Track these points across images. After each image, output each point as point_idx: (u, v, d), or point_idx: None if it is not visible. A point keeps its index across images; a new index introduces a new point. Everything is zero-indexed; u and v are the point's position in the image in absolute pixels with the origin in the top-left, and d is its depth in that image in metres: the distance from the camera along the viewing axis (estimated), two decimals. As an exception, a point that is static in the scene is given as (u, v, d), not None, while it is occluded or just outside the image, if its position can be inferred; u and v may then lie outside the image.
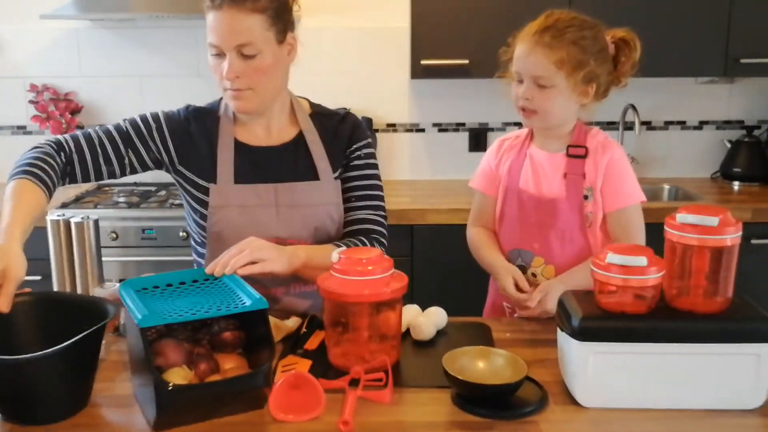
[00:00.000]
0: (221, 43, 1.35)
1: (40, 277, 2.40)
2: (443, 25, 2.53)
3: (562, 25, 1.45)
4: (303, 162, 1.48)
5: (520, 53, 1.47)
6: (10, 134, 2.92)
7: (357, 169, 1.52)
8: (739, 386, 1.11)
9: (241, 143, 1.47)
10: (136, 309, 1.07)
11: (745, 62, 2.56)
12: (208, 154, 1.45)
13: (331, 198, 1.47)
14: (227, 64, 1.35)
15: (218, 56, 1.37)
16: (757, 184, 2.80)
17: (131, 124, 1.47)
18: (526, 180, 1.56)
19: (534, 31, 1.46)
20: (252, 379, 1.09)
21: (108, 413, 1.13)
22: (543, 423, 1.09)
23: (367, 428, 1.08)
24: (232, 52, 1.35)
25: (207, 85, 2.88)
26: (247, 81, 1.37)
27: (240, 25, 1.33)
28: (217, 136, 1.46)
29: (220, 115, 1.49)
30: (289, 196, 1.45)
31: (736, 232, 1.12)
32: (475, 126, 2.92)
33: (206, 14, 1.37)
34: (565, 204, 1.51)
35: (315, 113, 1.54)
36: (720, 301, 1.14)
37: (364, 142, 1.53)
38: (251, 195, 1.44)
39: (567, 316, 1.14)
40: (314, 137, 1.49)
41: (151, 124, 1.47)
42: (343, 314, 1.24)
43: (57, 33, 2.83)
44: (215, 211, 1.43)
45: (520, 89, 1.49)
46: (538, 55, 1.44)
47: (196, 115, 1.49)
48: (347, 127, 1.52)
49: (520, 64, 1.48)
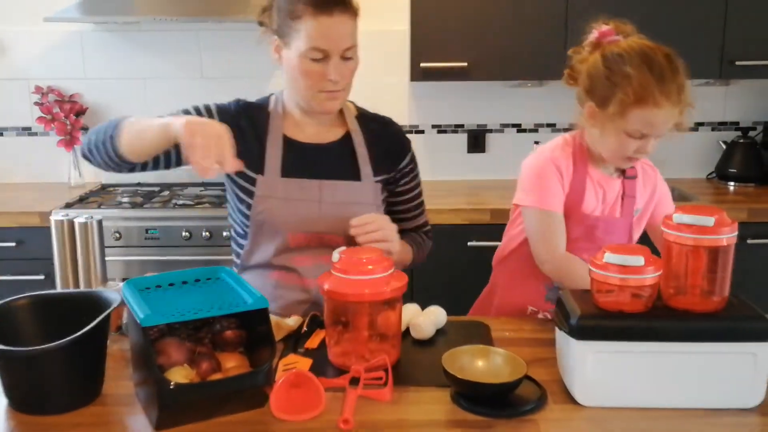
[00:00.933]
0: (331, 47, 1.37)
1: (43, 277, 2.44)
2: (442, 28, 2.54)
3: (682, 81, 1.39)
4: (347, 162, 1.52)
5: (654, 119, 1.39)
6: (15, 135, 2.94)
7: (413, 180, 1.61)
8: (737, 385, 1.12)
9: (290, 139, 1.51)
10: (139, 308, 1.08)
11: (741, 64, 2.57)
12: (256, 147, 1.49)
13: (371, 199, 1.52)
14: (333, 68, 1.39)
15: (317, 60, 1.38)
16: (752, 184, 2.81)
17: (187, 114, 1.48)
18: (589, 202, 1.53)
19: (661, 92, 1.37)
20: (253, 378, 1.10)
21: (110, 412, 1.14)
22: (542, 422, 1.10)
23: (367, 427, 1.09)
24: (336, 56, 1.38)
25: (210, 87, 2.91)
26: (343, 82, 1.42)
27: (348, 29, 1.39)
28: (267, 131, 1.50)
29: (270, 110, 1.53)
30: (332, 193, 1.48)
31: (732, 232, 1.12)
32: (474, 127, 2.94)
33: (302, 20, 1.36)
34: (623, 224, 1.55)
35: (361, 115, 1.58)
36: (717, 301, 1.15)
37: (411, 152, 1.60)
38: (296, 188, 1.47)
39: (565, 315, 1.15)
40: (360, 139, 1.53)
41: (205, 116, 1.48)
42: (344, 313, 1.25)
43: (61, 35, 2.85)
44: (260, 201, 1.47)
45: (636, 144, 1.43)
46: (667, 115, 1.40)
47: (247, 109, 1.52)
48: (394, 135, 1.58)
49: (651, 129, 1.41)
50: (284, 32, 1.41)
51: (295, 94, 1.48)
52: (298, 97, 1.47)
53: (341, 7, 1.37)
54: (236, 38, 2.85)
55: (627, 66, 1.39)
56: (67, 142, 2.84)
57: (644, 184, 1.59)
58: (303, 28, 1.37)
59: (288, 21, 1.38)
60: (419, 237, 1.63)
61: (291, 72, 1.43)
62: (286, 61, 1.43)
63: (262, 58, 2.85)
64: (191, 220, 2.45)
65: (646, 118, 1.39)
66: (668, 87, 1.38)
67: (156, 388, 1.04)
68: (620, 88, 1.39)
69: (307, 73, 1.40)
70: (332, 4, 1.36)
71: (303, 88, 1.43)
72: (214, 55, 2.88)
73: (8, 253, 2.45)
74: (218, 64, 2.88)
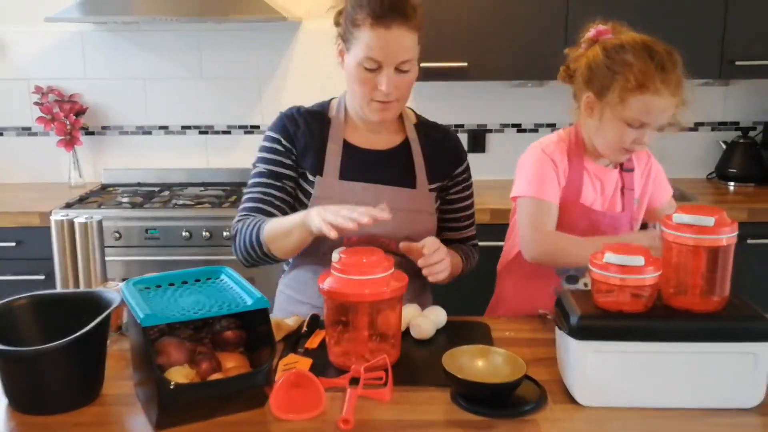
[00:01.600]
0: (385, 59, 1.38)
1: (43, 277, 2.44)
2: (442, 28, 2.53)
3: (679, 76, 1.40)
4: (404, 169, 1.54)
5: (653, 107, 1.40)
6: (15, 135, 2.94)
7: (466, 190, 1.61)
8: (736, 385, 1.12)
9: (349, 144, 1.53)
10: (139, 308, 1.08)
11: (740, 64, 2.56)
12: (317, 151, 1.51)
13: (425, 207, 1.53)
14: (386, 79, 1.39)
15: (371, 70, 1.40)
16: (752, 184, 2.81)
17: (267, 162, 1.51)
18: (587, 194, 1.53)
19: (666, 76, 1.38)
20: (253, 378, 1.10)
21: (110, 412, 1.14)
22: (542, 422, 1.10)
23: (367, 426, 1.09)
24: (391, 68, 1.39)
25: (210, 88, 2.91)
26: (396, 93, 1.42)
27: (406, 43, 1.39)
28: (327, 136, 1.52)
29: (332, 117, 1.54)
30: (387, 199, 1.48)
31: (732, 232, 1.13)
32: (474, 127, 2.94)
33: (361, 29, 1.38)
34: (623, 218, 1.55)
35: (420, 123, 1.60)
36: (717, 301, 1.15)
37: (466, 162, 1.60)
38: (352, 191, 1.49)
39: (565, 315, 1.15)
40: (417, 147, 1.55)
41: (278, 148, 1.51)
42: (344, 313, 1.25)
43: (61, 35, 2.85)
44: (317, 202, 1.48)
45: (634, 134, 1.43)
46: (667, 105, 1.41)
47: (307, 115, 1.54)
48: (452, 145, 1.59)
49: (650, 118, 1.41)
50: (347, 37, 1.42)
51: (351, 99, 1.50)
52: (354, 103, 1.49)
53: (400, 20, 1.36)
54: (236, 38, 2.85)
55: (628, 54, 1.41)
56: (67, 142, 2.84)
57: (641, 174, 1.60)
58: (361, 36, 1.38)
59: (350, 27, 1.40)
60: (468, 249, 1.62)
61: (348, 77, 1.45)
62: (346, 66, 1.45)
63: (261, 57, 2.89)
64: (191, 220, 2.45)
65: (645, 105, 1.40)
66: (668, 76, 1.39)
67: (156, 388, 1.04)
68: (621, 75, 1.40)
69: (361, 81, 1.42)
70: (391, 18, 1.36)
71: (357, 95, 1.45)
72: (213, 55, 2.88)
73: (8, 253, 2.45)
74: (218, 64, 2.88)
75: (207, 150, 2.96)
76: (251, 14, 2.57)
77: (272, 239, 1.40)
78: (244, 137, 2.94)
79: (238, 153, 2.93)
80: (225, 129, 2.95)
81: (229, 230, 1.50)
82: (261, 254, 1.43)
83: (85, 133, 2.91)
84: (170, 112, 2.93)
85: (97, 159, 2.96)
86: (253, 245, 1.43)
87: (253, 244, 1.43)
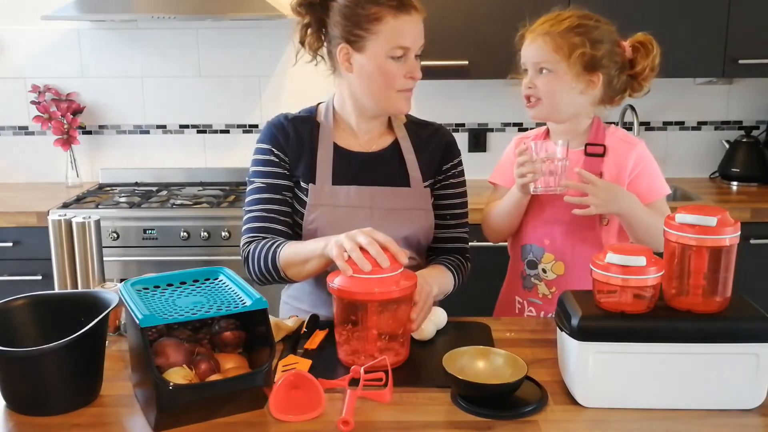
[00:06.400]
0: (413, 44, 1.43)
1: (40, 277, 2.43)
2: (443, 27, 2.53)
3: (563, 17, 1.49)
4: (396, 169, 1.53)
5: (524, 46, 1.52)
6: (11, 135, 2.93)
7: (453, 188, 1.59)
8: (738, 386, 1.12)
9: (340, 147, 1.52)
10: (137, 309, 1.08)
11: (744, 63, 2.56)
12: (308, 157, 1.51)
13: (422, 204, 1.53)
14: (415, 63, 1.44)
15: (398, 59, 1.42)
16: (755, 184, 2.80)
17: (263, 175, 1.50)
18: None
19: (536, 24, 1.51)
20: (252, 379, 1.10)
21: (109, 413, 1.14)
22: (543, 423, 1.09)
23: (366, 428, 1.08)
24: (413, 54, 1.44)
25: (208, 87, 2.90)
26: (417, 81, 1.46)
27: (421, 28, 1.46)
28: (317, 141, 1.52)
29: (320, 121, 1.54)
30: (384, 200, 1.50)
31: (735, 232, 1.12)
32: (475, 126, 2.93)
33: (382, 21, 1.40)
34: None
35: (410, 122, 1.60)
36: (719, 301, 1.14)
37: (458, 159, 1.60)
38: (347, 196, 1.49)
39: (566, 316, 1.15)
40: (408, 146, 1.55)
41: (272, 159, 1.51)
42: (353, 312, 1.25)
43: (58, 34, 2.84)
44: (312, 209, 1.48)
45: (525, 79, 1.53)
46: (537, 42, 1.49)
47: (295, 122, 1.54)
48: (442, 141, 1.59)
49: (523, 56, 1.52)
50: (355, 39, 1.42)
51: (367, 98, 1.47)
52: (371, 101, 1.47)
53: (415, 7, 1.44)
54: (234, 36, 2.85)
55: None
56: (65, 142, 2.83)
57: (616, 162, 1.53)
58: (383, 29, 1.40)
59: (363, 26, 1.40)
60: (458, 261, 1.56)
61: (365, 76, 1.44)
62: (358, 67, 1.44)
63: (260, 56, 2.88)
64: (189, 220, 2.45)
65: (522, 49, 1.51)
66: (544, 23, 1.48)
67: (155, 389, 1.03)
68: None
69: (387, 74, 1.42)
70: (409, 4, 1.42)
71: (382, 89, 1.44)
72: (212, 54, 2.87)
73: (5, 253, 2.44)
74: (217, 62, 2.87)
75: (205, 149, 2.95)
76: (250, 12, 2.57)
77: (289, 265, 1.41)
78: (242, 136, 2.93)
79: (237, 152, 2.92)
80: (223, 128, 2.94)
81: (240, 253, 1.51)
82: (278, 278, 1.44)
83: (82, 132, 2.90)
84: (168, 111, 2.92)
85: (95, 158, 2.95)
86: (270, 271, 1.43)
87: (270, 270, 1.43)
